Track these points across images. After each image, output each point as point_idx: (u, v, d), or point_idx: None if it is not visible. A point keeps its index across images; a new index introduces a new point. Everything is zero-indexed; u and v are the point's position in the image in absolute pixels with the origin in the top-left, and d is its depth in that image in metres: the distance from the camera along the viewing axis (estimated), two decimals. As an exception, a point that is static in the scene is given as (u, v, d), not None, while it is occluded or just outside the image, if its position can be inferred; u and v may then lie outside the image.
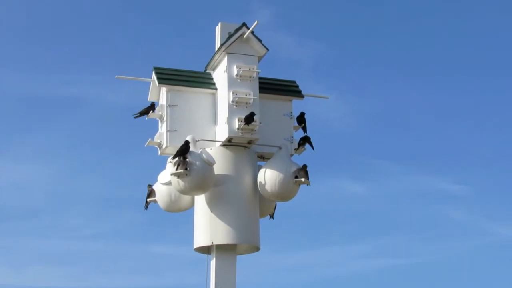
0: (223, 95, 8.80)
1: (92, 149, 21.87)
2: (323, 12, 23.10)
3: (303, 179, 8.63)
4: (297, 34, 21.19)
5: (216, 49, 9.07)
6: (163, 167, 9.08)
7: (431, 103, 23.26)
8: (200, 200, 8.73)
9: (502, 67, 23.04)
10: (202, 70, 9.30)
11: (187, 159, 8.45)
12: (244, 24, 8.87)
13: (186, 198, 8.88)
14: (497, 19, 23.00)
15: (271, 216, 9.30)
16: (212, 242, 8.56)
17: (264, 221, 9.13)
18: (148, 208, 9.22)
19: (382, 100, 22.90)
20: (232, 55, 8.83)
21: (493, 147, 22.67)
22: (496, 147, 22.70)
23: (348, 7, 23.20)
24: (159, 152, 9.04)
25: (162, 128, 8.97)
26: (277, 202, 9.15)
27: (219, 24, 9.23)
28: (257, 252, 8.87)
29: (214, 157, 8.56)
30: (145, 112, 9.03)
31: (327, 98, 9.66)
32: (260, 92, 8.84)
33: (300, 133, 9.25)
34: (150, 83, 9.23)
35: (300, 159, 9.11)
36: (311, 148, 9.22)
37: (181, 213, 9.13)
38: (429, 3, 23.10)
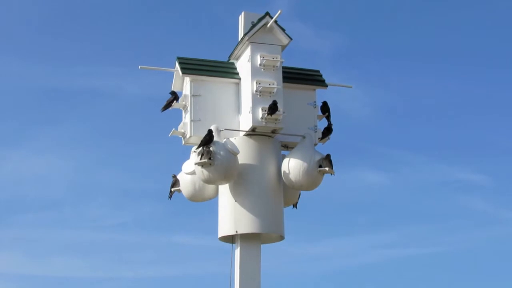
0: (247, 85, 8.80)
1: (114, 140, 21.96)
2: (340, 2, 23.03)
3: (327, 168, 8.62)
4: (315, 24, 21.13)
5: (240, 39, 9.07)
6: (187, 157, 9.12)
7: (451, 93, 23.17)
8: (224, 190, 8.74)
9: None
10: (226, 60, 9.30)
11: (211, 149, 8.47)
12: (267, 14, 8.84)
13: (210, 187, 8.90)
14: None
15: (295, 206, 9.31)
16: (237, 231, 8.57)
17: (288, 211, 9.15)
18: (172, 197, 9.27)
19: (401, 90, 22.84)
20: (256, 44, 8.82)
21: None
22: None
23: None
24: (183, 142, 9.06)
25: (186, 118, 8.98)
26: (301, 192, 9.16)
27: (242, 13, 9.22)
28: (281, 241, 8.87)
29: (238, 147, 8.57)
30: (170, 103, 9.05)
31: (351, 87, 9.61)
32: (283, 81, 8.83)
33: (323, 122, 9.25)
34: (173, 73, 9.25)
35: (323, 148, 9.13)
36: (333, 138, 9.22)
37: (204, 203, 9.16)
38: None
